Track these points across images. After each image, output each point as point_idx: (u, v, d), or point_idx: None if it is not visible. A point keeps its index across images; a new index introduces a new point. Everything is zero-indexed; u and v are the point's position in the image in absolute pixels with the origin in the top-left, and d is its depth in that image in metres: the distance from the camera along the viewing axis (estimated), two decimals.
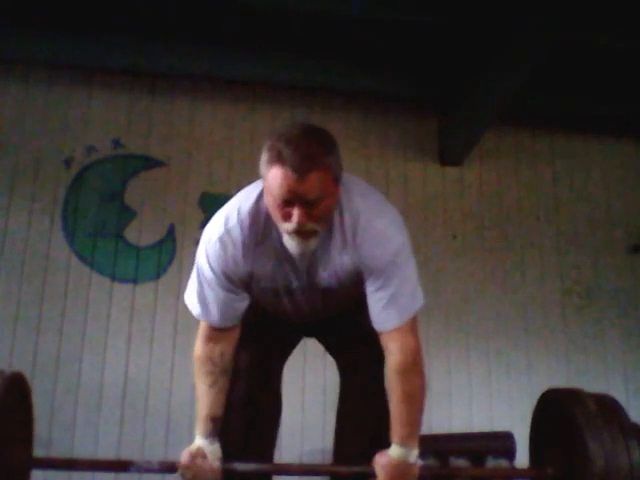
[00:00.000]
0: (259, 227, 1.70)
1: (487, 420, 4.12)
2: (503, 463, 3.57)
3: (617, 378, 4.31)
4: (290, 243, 1.63)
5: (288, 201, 1.56)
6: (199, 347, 1.79)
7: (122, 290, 4.06)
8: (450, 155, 4.53)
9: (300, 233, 1.59)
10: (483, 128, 4.22)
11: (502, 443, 3.62)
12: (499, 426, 3.93)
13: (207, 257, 1.72)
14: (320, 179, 1.56)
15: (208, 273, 1.73)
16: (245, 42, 3.98)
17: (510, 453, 3.56)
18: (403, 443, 1.67)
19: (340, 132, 1.77)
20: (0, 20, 3.83)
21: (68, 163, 4.22)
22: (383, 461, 1.67)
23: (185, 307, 1.81)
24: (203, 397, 1.77)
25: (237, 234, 1.69)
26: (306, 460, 3.84)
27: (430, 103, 4.56)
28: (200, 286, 1.75)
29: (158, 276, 4.11)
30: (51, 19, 3.85)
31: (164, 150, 4.33)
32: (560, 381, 3.90)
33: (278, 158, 1.54)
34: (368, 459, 1.72)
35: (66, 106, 4.30)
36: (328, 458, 2.09)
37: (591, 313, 4.47)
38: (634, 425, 1.72)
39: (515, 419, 3.95)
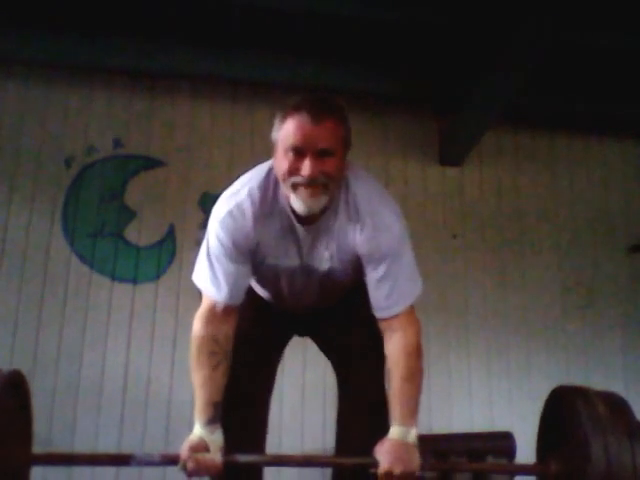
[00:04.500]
0: (268, 200, 1.72)
1: (487, 420, 4.12)
2: (503, 463, 3.57)
3: (617, 378, 4.31)
4: (297, 201, 1.63)
5: (301, 150, 1.59)
6: (202, 328, 1.75)
7: (122, 290, 4.06)
8: (450, 155, 4.53)
9: (310, 185, 1.60)
10: (483, 128, 4.22)
11: (502, 443, 3.61)
12: (499, 426, 3.93)
13: (217, 231, 1.73)
14: (334, 129, 1.62)
15: (217, 247, 1.73)
16: (245, 42, 3.97)
17: (510, 453, 3.56)
18: (402, 423, 1.68)
19: None
20: (0, 20, 3.83)
21: (68, 163, 4.22)
22: (383, 446, 1.67)
23: (185, 307, 1.82)
24: (205, 381, 1.72)
25: (247, 206, 1.71)
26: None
27: (430, 103, 4.56)
28: (210, 263, 1.75)
29: (158, 276, 4.11)
30: (51, 19, 3.85)
31: (164, 150, 4.32)
32: (560, 381, 3.88)
33: (294, 108, 1.61)
34: (370, 451, 1.71)
35: (66, 106, 4.30)
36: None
37: (591, 313, 4.47)
38: None
39: (515, 419, 3.96)
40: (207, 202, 4.17)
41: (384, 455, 1.64)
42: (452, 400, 4.17)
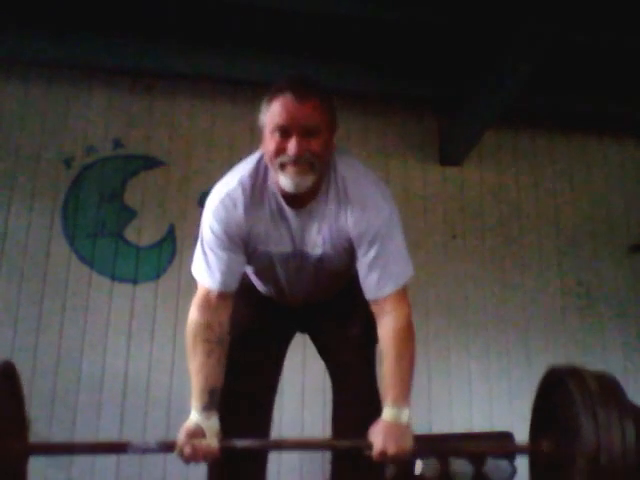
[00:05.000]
0: (258, 187, 1.76)
1: (487, 420, 4.12)
2: (503, 463, 3.57)
3: (617, 378, 4.30)
4: (285, 180, 1.66)
5: (286, 129, 1.63)
6: (196, 315, 1.77)
7: (122, 290, 4.06)
8: (450, 155, 4.53)
9: (297, 163, 1.63)
10: (483, 128, 4.22)
11: (502, 443, 3.61)
12: (499, 426, 3.93)
13: (209, 221, 1.77)
14: (318, 108, 1.66)
15: (210, 236, 1.77)
16: (245, 42, 3.97)
17: (510, 453, 3.56)
18: (394, 404, 1.69)
19: (340, 132, 1.81)
20: (0, 20, 3.83)
21: (68, 163, 4.22)
22: (376, 428, 1.68)
23: (185, 307, 1.81)
24: (200, 368, 1.73)
25: (238, 195, 1.75)
26: (306, 461, 3.84)
27: (430, 103, 4.56)
28: (204, 253, 1.79)
29: (158, 276, 4.11)
30: (51, 19, 3.85)
31: (164, 150, 4.33)
32: None
33: (278, 90, 1.66)
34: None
35: (66, 106, 4.30)
36: (328, 458, 2.09)
37: (591, 313, 4.47)
38: (632, 405, 1.70)
39: (515, 419, 3.95)
40: None
41: (377, 436, 1.66)
42: (452, 400, 4.17)
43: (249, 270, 1.95)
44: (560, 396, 1.75)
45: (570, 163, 4.76)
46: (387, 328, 1.74)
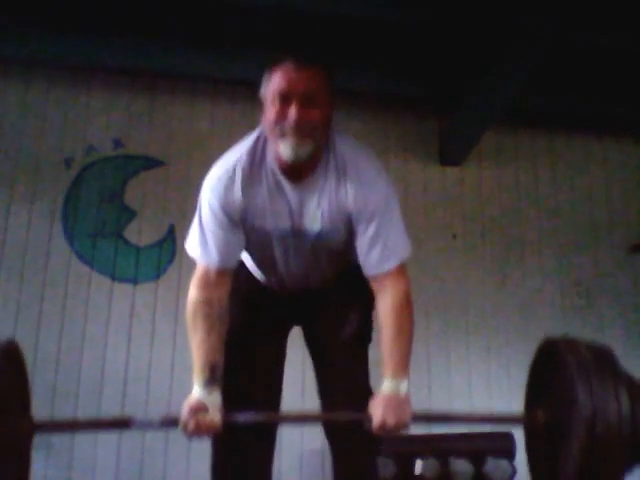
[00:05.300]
0: (256, 164, 1.78)
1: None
2: (503, 463, 3.57)
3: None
4: (285, 148, 1.67)
5: (287, 95, 1.66)
6: (196, 292, 1.78)
7: (122, 290, 4.06)
8: (450, 155, 4.53)
9: (297, 130, 1.65)
10: (483, 128, 4.22)
11: (502, 443, 3.62)
12: (499, 426, 3.92)
13: (208, 199, 1.80)
14: (317, 77, 1.72)
15: (209, 214, 1.80)
16: (245, 42, 3.97)
17: (510, 453, 3.56)
18: (393, 376, 1.70)
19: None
20: (0, 20, 3.83)
21: (68, 163, 4.22)
22: (376, 401, 1.70)
23: (185, 307, 1.81)
24: (201, 344, 1.74)
25: (236, 172, 1.77)
26: (306, 460, 3.85)
27: (430, 103, 4.56)
28: (201, 230, 1.81)
29: (158, 276, 4.11)
30: (51, 19, 3.85)
31: (164, 150, 4.33)
32: None
33: (279, 62, 1.71)
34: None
35: (66, 106, 4.30)
36: (328, 458, 2.08)
37: (591, 313, 4.47)
38: (627, 375, 1.71)
39: None
40: None
41: (377, 409, 1.68)
42: (452, 400, 4.17)
43: (246, 258, 1.94)
44: (555, 366, 1.75)
45: (570, 163, 4.77)
46: (387, 303, 1.75)
